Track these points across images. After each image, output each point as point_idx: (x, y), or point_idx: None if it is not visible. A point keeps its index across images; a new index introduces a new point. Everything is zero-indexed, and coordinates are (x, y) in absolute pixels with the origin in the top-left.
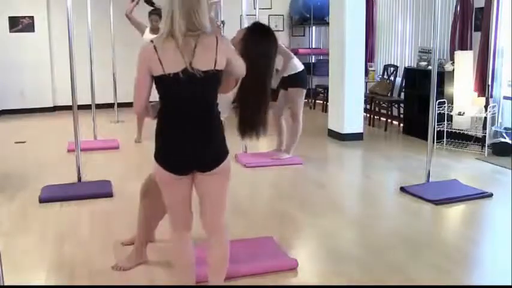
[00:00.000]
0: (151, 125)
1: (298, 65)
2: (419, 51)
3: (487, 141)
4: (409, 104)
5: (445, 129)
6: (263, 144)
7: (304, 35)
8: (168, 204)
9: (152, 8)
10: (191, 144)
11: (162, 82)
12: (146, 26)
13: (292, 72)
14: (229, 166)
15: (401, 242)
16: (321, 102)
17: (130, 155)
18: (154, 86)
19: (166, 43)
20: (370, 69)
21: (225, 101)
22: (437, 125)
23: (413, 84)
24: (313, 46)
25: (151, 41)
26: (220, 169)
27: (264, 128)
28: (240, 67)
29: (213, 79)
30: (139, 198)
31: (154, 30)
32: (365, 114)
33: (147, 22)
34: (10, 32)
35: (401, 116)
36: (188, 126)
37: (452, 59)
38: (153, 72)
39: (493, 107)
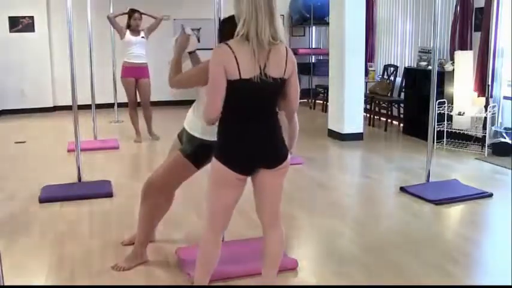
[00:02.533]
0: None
1: None
2: (419, 51)
3: (487, 141)
4: (409, 104)
5: (445, 129)
6: None
7: (304, 35)
8: (216, 207)
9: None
10: (261, 143)
11: (235, 85)
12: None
13: None
14: (289, 164)
15: (401, 242)
16: (321, 102)
17: (130, 155)
18: None
19: (242, 47)
20: (370, 69)
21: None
22: (437, 125)
23: (413, 84)
24: (313, 46)
25: (226, 44)
26: (285, 165)
27: None
28: (296, 90)
29: (281, 86)
30: (141, 198)
31: (135, 31)
32: (365, 114)
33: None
34: (10, 32)
35: (401, 116)
36: (257, 126)
37: (452, 59)
38: (228, 75)
39: (493, 107)
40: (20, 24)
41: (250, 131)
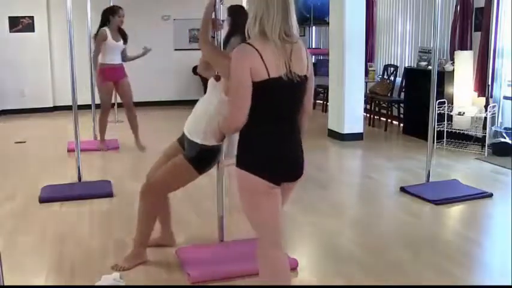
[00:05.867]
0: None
1: None
2: (419, 51)
3: (487, 141)
4: (409, 104)
5: (445, 129)
6: None
7: (304, 35)
8: (265, 220)
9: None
10: (292, 150)
11: (262, 87)
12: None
13: None
14: None
15: (401, 242)
16: (321, 102)
17: (130, 155)
18: None
19: (265, 45)
20: (370, 69)
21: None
22: (437, 125)
23: (413, 84)
24: (313, 46)
25: (249, 44)
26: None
27: None
28: (312, 88)
29: (304, 84)
30: (140, 198)
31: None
32: (365, 114)
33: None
34: (10, 32)
35: (401, 116)
36: (287, 131)
37: (452, 59)
38: (255, 76)
39: (493, 107)
40: (20, 24)
41: (278, 136)
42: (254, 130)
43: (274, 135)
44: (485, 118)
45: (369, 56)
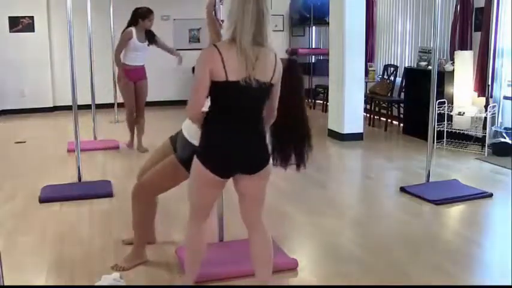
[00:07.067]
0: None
1: None
2: (419, 51)
3: (487, 141)
4: (409, 104)
5: (445, 129)
6: None
7: (304, 35)
8: (197, 203)
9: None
10: (240, 148)
11: (220, 88)
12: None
13: None
14: (271, 169)
15: (401, 242)
16: (321, 102)
17: (130, 155)
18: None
19: (230, 50)
20: (370, 69)
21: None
22: (437, 125)
23: (413, 84)
24: (313, 46)
25: (215, 45)
26: (265, 170)
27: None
28: (276, 99)
29: (267, 91)
30: (132, 199)
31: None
32: (365, 114)
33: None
34: (10, 32)
35: (401, 116)
36: (241, 131)
37: (452, 59)
38: (214, 76)
39: (493, 107)
40: (20, 24)
41: (232, 135)
42: (211, 126)
43: (227, 133)
44: (485, 118)
45: (369, 56)
